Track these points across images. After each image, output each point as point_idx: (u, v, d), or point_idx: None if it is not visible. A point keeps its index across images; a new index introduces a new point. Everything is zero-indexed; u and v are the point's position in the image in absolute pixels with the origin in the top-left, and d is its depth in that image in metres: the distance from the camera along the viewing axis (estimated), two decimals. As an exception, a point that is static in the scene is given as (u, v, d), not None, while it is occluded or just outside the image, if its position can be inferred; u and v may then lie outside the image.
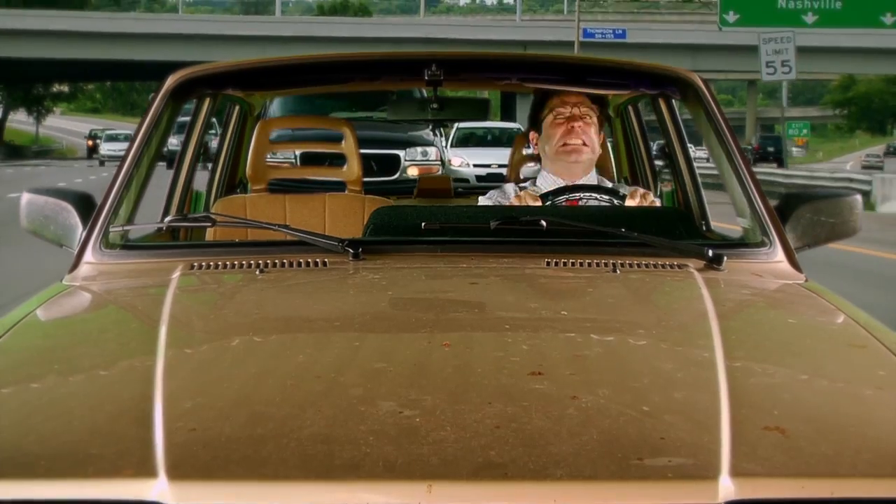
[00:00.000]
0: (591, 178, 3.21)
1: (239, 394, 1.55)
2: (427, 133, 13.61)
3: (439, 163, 13.46)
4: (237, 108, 4.34)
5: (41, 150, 68.78)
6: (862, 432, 1.45)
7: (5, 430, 1.44)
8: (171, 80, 2.75)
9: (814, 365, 1.78)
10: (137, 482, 1.30)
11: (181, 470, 1.32)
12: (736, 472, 1.31)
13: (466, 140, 23.59)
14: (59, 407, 1.53)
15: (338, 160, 3.70)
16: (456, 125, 21.48)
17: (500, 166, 19.38)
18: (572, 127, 3.15)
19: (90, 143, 61.55)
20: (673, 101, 3.37)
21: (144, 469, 1.32)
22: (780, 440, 1.39)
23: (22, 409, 1.53)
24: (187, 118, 3.62)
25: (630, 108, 4.32)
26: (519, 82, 3.24)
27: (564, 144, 3.15)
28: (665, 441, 1.38)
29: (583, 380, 1.59)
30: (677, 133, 3.53)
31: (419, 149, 13.01)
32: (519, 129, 21.96)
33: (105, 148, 54.45)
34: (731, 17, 26.35)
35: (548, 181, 3.21)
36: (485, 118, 5.46)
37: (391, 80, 3.70)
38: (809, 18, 27.36)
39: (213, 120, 3.86)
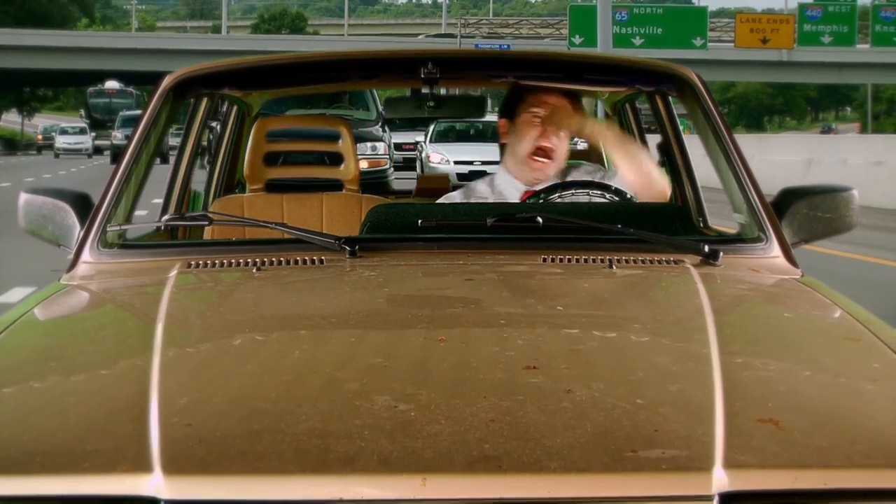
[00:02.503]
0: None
1: (235, 390, 1.55)
2: (377, 129, 15.40)
3: (387, 157, 15.39)
4: (235, 107, 4.33)
5: (28, 144, 76.55)
6: (855, 424, 1.45)
7: (2, 426, 1.44)
8: (169, 80, 2.72)
9: (809, 358, 1.79)
10: (133, 477, 1.31)
11: (177, 465, 1.32)
12: (729, 464, 1.32)
13: (446, 135, 22.05)
14: (55, 404, 1.54)
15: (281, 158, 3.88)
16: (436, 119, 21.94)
17: (484, 163, 18.84)
18: (545, 130, 3.04)
19: (39, 137, 68.40)
20: (669, 97, 3.37)
21: (140, 464, 1.32)
22: (774, 432, 1.39)
23: (19, 407, 1.54)
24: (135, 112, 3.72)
25: (627, 105, 4.32)
26: (515, 80, 3.23)
27: (534, 153, 3.04)
28: (659, 433, 1.38)
29: (578, 374, 1.59)
30: (674, 130, 3.53)
31: (368, 144, 14.76)
32: None
33: (60, 141, 59.25)
34: (577, 39, 32.89)
35: (506, 182, 3.09)
36: (482, 115, 5.46)
37: (388, 78, 3.70)
38: (637, 41, 37.05)
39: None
